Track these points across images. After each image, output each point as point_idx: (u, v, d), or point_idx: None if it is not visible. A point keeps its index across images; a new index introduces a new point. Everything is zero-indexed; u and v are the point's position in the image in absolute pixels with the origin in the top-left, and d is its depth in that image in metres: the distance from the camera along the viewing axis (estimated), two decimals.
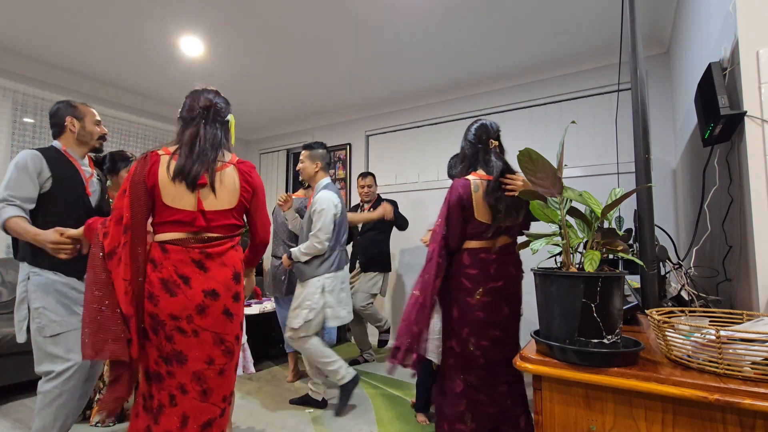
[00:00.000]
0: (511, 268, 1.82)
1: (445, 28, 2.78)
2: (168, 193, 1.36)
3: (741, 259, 1.24)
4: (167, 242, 1.36)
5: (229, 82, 3.70)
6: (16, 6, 2.54)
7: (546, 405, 0.87)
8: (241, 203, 1.49)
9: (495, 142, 1.87)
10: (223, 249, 1.43)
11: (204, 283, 1.36)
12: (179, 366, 1.33)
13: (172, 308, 1.32)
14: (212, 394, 1.37)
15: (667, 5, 2.50)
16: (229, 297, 1.41)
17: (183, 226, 1.38)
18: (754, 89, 1.11)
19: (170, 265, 1.34)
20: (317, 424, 2.28)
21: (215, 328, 1.38)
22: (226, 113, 1.53)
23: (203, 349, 1.35)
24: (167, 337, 1.32)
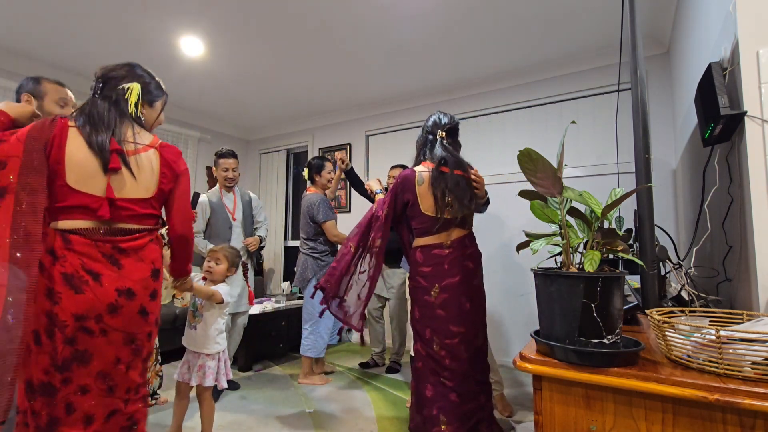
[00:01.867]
0: (468, 262, 1.77)
1: (445, 28, 2.78)
2: (75, 173, 1.18)
3: (741, 259, 1.24)
4: (71, 231, 1.18)
5: (229, 82, 3.70)
6: (16, 6, 2.54)
7: (546, 405, 0.87)
8: (161, 192, 1.32)
9: (442, 133, 1.85)
10: (141, 243, 1.27)
11: (118, 280, 1.21)
12: (81, 367, 1.18)
13: (77, 307, 1.16)
14: (117, 389, 1.25)
15: (667, 5, 2.50)
16: (146, 296, 1.28)
17: (89, 213, 1.20)
18: (754, 89, 1.11)
19: (75, 259, 1.17)
20: (317, 424, 2.28)
21: (128, 328, 1.24)
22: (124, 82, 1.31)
23: (111, 350, 1.22)
24: (67, 339, 1.16)
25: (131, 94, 1.32)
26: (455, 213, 1.73)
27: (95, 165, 1.20)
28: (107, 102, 1.28)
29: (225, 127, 5.03)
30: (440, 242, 1.75)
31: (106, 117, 1.25)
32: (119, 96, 1.30)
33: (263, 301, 3.88)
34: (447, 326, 1.72)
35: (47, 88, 1.66)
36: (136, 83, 1.34)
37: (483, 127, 3.72)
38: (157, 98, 1.44)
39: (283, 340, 3.59)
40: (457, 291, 1.73)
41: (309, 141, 4.84)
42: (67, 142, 1.19)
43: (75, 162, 1.18)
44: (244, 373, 3.16)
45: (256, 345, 3.34)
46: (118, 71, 1.34)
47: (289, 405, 2.55)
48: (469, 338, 1.74)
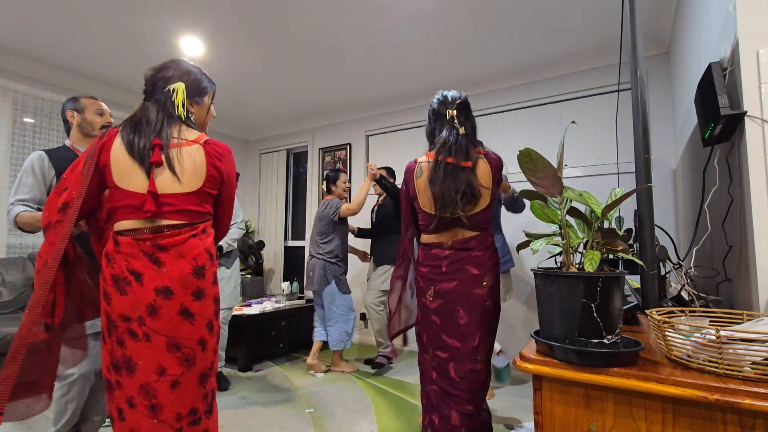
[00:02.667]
0: (471, 267, 1.51)
1: (446, 28, 2.78)
2: (118, 172, 1.20)
3: (741, 259, 1.24)
4: (119, 233, 1.20)
5: (229, 82, 3.70)
6: (16, 6, 2.54)
7: (546, 405, 0.87)
8: (206, 188, 1.27)
9: (453, 111, 1.57)
10: (181, 239, 1.22)
11: (157, 279, 1.18)
12: (128, 375, 1.16)
13: (122, 308, 1.17)
14: (163, 410, 1.16)
15: (667, 5, 2.50)
16: (187, 294, 1.21)
17: (134, 211, 1.20)
18: (754, 89, 1.11)
19: (122, 260, 1.18)
20: (317, 424, 2.28)
21: (169, 331, 1.18)
22: (169, 83, 1.32)
23: (153, 356, 1.16)
24: (119, 340, 1.17)
25: (177, 95, 1.30)
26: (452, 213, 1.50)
27: (134, 162, 1.21)
28: (156, 105, 1.29)
29: (225, 127, 5.04)
30: (440, 242, 1.56)
31: (153, 119, 1.26)
32: (167, 98, 1.30)
33: (263, 301, 3.88)
34: (440, 336, 1.54)
35: (85, 102, 1.86)
36: (181, 83, 1.32)
37: (483, 127, 3.68)
38: (204, 94, 1.40)
39: (283, 340, 3.59)
40: (452, 298, 1.52)
41: (309, 141, 4.84)
42: (113, 146, 1.22)
43: (118, 162, 1.21)
44: (244, 373, 3.16)
45: (256, 345, 3.34)
46: (164, 72, 1.33)
47: (289, 405, 2.55)
48: (461, 357, 1.50)
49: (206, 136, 1.33)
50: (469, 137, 1.58)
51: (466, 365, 1.50)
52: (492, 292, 1.55)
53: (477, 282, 1.52)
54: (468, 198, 1.47)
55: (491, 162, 1.55)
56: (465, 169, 1.49)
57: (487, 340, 1.54)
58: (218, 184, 1.31)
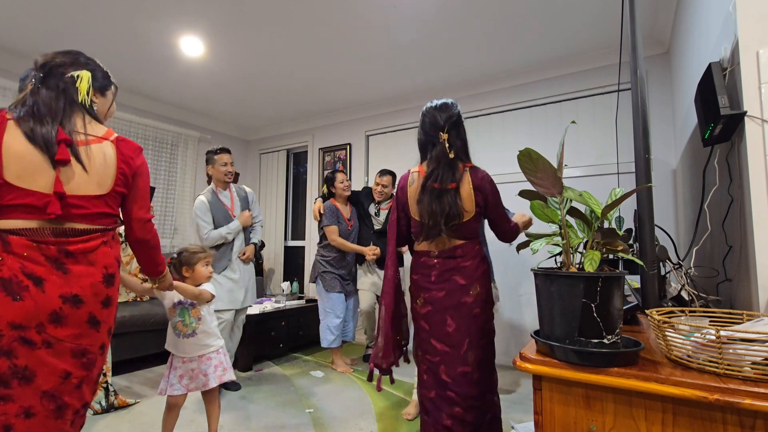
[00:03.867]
0: (458, 276, 1.56)
1: (445, 28, 2.78)
2: (13, 168, 1.07)
3: (741, 259, 1.24)
4: (10, 232, 1.07)
5: (229, 82, 3.70)
6: (16, 6, 2.54)
7: (546, 405, 0.87)
8: (115, 190, 1.20)
9: (444, 135, 1.59)
10: (91, 246, 1.15)
11: (63, 286, 1.09)
12: (23, 385, 1.05)
13: (13, 315, 1.04)
14: (67, 410, 1.12)
15: (667, 5, 2.50)
16: (97, 303, 1.16)
17: (33, 212, 1.08)
18: (754, 89, 1.11)
19: (14, 262, 1.06)
20: (317, 424, 2.28)
21: (76, 340, 1.12)
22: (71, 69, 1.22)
23: (57, 364, 1.09)
24: (3, 351, 1.04)
25: (81, 81, 1.22)
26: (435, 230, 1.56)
27: (39, 158, 1.08)
28: (53, 91, 1.17)
29: (225, 127, 5.04)
30: (429, 250, 1.62)
31: (53, 106, 1.14)
32: (67, 84, 1.19)
33: (263, 301, 3.88)
34: (429, 340, 1.59)
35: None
36: (86, 71, 1.24)
37: (483, 127, 3.72)
38: (107, 87, 1.34)
39: (283, 340, 3.59)
40: (441, 307, 1.57)
41: (309, 141, 4.84)
42: (5, 136, 1.07)
43: (14, 156, 1.07)
44: (244, 373, 3.16)
45: (256, 345, 3.34)
46: (61, 59, 1.23)
47: (289, 405, 2.55)
48: (451, 360, 1.54)
49: (114, 132, 1.26)
50: (458, 156, 1.62)
51: (457, 368, 1.54)
52: (480, 300, 1.58)
53: (464, 291, 1.57)
54: (452, 217, 1.53)
55: (474, 177, 1.60)
56: (449, 191, 1.55)
57: (478, 346, 1.57)
58: (128, 182, 1.25)
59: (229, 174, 2.92)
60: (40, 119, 1.11)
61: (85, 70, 1.24)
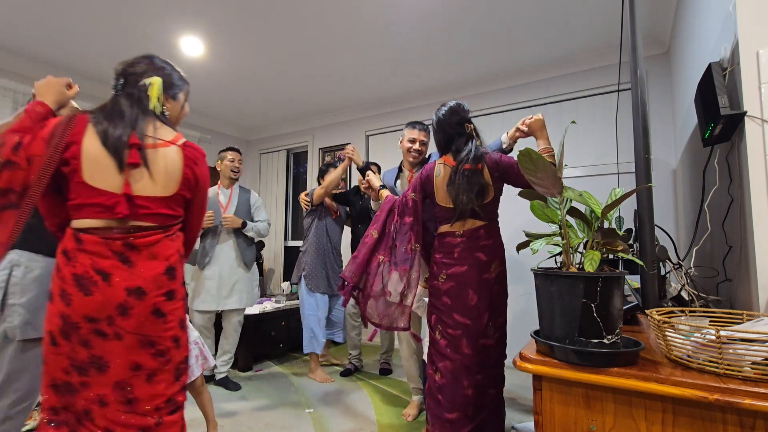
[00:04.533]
0: (480, 254, 1.70)
1: (446, 28, 2.78)
2: (89, 168, 1.14)
3: (741, 259, 1.24)
4: (83, 230, 1.14)
5: (229, 82, 3.70)
6: (16, 6, 2.54)
7: (546, 405, 0.87)
8: (181, 192, 1.26)
9: (470, 125, 1.81)
10: (154, 239, 1.21)
11: (128, 279, 1.15)
12: (99, 374, 1.13)
13: (87, 309, 1.12)
14: (140, 403, 1.16)
15: (667, 5, 2.50)
16: (159, 294, 1.20)
17: (103, 211, 1.14)
18: (754, 89, 1.11)
19: (86, 259, 1.13)
20: (317, 424, 2.28)
21: (142, 330, 1.17)
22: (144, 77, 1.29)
23: (127, 355, 1.15)
24: (82, 341, 1.12)
25: (152, 89, 1.28)
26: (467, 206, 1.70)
27: (110, 160, 1.15)
28: (129, 99, 1.24)
29: (225, 127, 5.04)
30: (454, 231, 1.74)
31: (127, 113, 1.21)
32: (141, 92, 1.26)
33: (263, 301, 3.88)
34: (451, 315, 1.69)
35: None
36: (157, 77, 1.29)
37: (483, 127, 3.69)
38: (179, 90, 1.38)
39: (283, 340, 3.59)
40: (463, 281, 1.68)
41: (309, 141, 4.84)
42: (84, 138, 1.15)
43: (91, 158, 1.14)
44: (244, 373, 3.16)
45: (256, 345, 3.34)
46: (137, 66, 1.30)
47: (289, 405, 2.55)
48: (473, 333, 1.66)
49: (183, 137, 1.31)
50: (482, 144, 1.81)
51: (479, 340, 1.67)
52: (499, 278, 1.74)
53: (485, 267, 1.70)
54: (480, 194, 1.70)
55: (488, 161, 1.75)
56: (477, 171, 1.71)
57: (498, 321, 1.73)
58: (193, 188, 1.30)
59: (235, 170, 2.98)
60: (114, 124, 1.18)
61: (156, 77, 1.30)
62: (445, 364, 1.69)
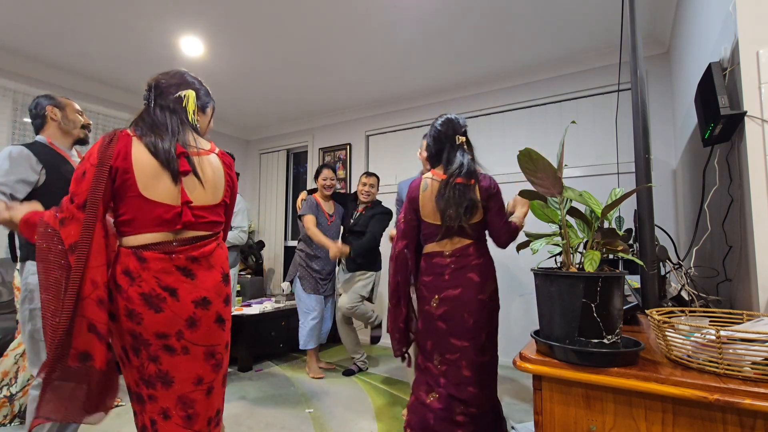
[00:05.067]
0: (472, 274, 1.65)
1: (446, 28, 2.78)
2: (143, 180, 1.12)
3: (741, 259, 1.24)
4: (143, 247, 1.13)
5: (229, 82, 3.70)
6: (16, 6, 2.54)
7: (546, 405, 0.87)
8: (224, 200, 1.30)
9: (462, 138, 1.74)
10: (209, 249, 1.22)
11: (193, 291, 1.17)
12: (164, 389, 1.15)
13: (158, 326, 1.12)
14: (198, 419, 1.18)
15: (667, 5, 2.50)
16: (220, 302, 1.24)
17: (162, 224, 1.14)
18: (754, 89, 1.11)
19: (150, 277, 1.12)
20: (317, 424, 2.28)
21: (207, 341, 1.20)
22: (177, 90, 1.30)
23: (192, 368, 1.18)
24: (151, 357, 1.14)
25: (188, 101, 1.29)
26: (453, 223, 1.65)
27: (161, 171, 1.14)
28: (166, 111, 1.24)
29: (225, 127, 5.04)
30: (441, 251, 1.69)
31: (168, 124, 1.21)
32: (177, 104, 1.27)
33: (263, 301, 3.88)
34: (448, 339, 1.64)
35: (64, 101, 1.80)
36: (191, 90, 1.31)
37: (483, 127, 3.72)
38: (207, 104, 1.40)
39: (283, 340, 3.59)
40: (458, 304, 1.63)
41: (309, 141, 4.84)
42: (133, 151, 1.13)
43: (143, 171, 1.12)
44: (244, 373, 3.16)
45: (256, 345, 3.34)
46: (171, 79, 1.30)
47: (289, 405, 2.55)
48: (471, 353, 1.62)
49: (215, 146, 1.35)
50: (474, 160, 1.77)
51: (477, 358, 1.64)
52: (493, 296, 1.71)
53: (480, 288, 1.65)
54: (470, 210, 1.65)
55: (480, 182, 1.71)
56: (468, 186, 1.67)
57: (493, 335, 1.70)
58: (232, 194, 1.35)
59: None
60: (160, 135, 1.18)
61: (190, 90, 1.31)
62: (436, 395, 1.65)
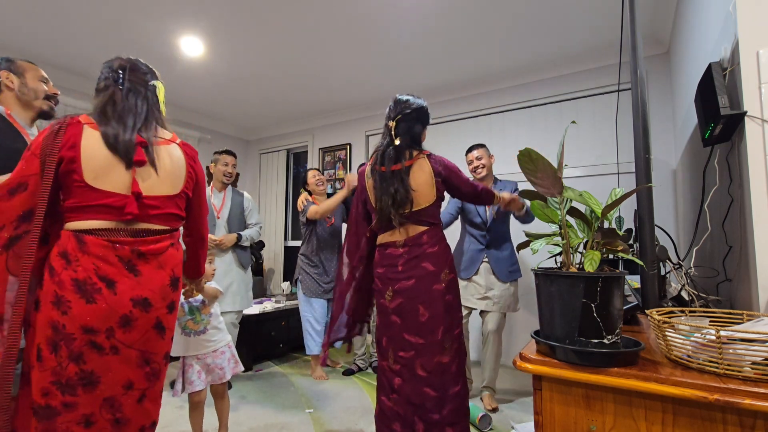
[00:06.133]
0: (427, 263, 1.53)
1: (445, 27, 2.78)
2: (92, 170, 1.07)
3: (741, 259, 1.24)
4: (86, 232, 1.06)
5: (229, 82, 3.70)
6: (15, 6, 2.54)
7: (546, 405, 0.87)
8: (184, 191, 1.24)
9: (392, 123, 1.68)
10: (161, 247, 1.16)
11: (134, 288, 1.09)
12: (86, 392, 1.04)
13: (87, 318, 1.03)
14: (128, 425, 1.09)
15: (667, 5, 2.50)
16: (163, 307, 1.15)
17: (110, 212, 1.08)
18: (754, 89, 1.11)
19: (89, 263, 1.04)
20: (317, 424, 2.28)
21: (142, 346, 1.11)
22: (150, 78, 1.28)
23: (122, 371, 1.08)
24: (73, 356, 1.02)
25: (160, 92, 1.28)
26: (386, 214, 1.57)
27: (114, 160, 1.10)
28: (137, 96, 1.21)
29: (225, 127, 5.03)
30: (394, 240, 1.58)
31: (136, 111, 1.18)
32: (150, 92, 1.25)
33: (263, 301, 3.88)
34: (401, 335, 1.53)
35: (24, 65, 1.57)
36: (160, 82, 1.30)
37: (483, 127, 3.72)
38: None
39: (283, 340, 3.59)
40: (411, 296, 1.52)
41: (309, 141, 4.84)
42: (82, 139, 1.09)
43: (92, 158, 1.08)
44: (244, 373, 3.16)
45: (256, 345, 3.34)
46: (142, 66, 1.28)
47: (289, 405, 2.55)
48: (426, 351, 1.49)
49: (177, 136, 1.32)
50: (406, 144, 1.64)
51: (433, 358, 1.50)
52: (450, 286, 1.57)
53: (435, 278, 1.54)
54: (400, 201, 1.53)
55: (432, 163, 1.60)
56: (395, 173, 1.55)
57: (452, 333, 1.55)
58: (194, 186, 1.29)
59: (227, 175, 2.96)
60: (123, 123, 1.14)
61: (160, 82, 1.31)
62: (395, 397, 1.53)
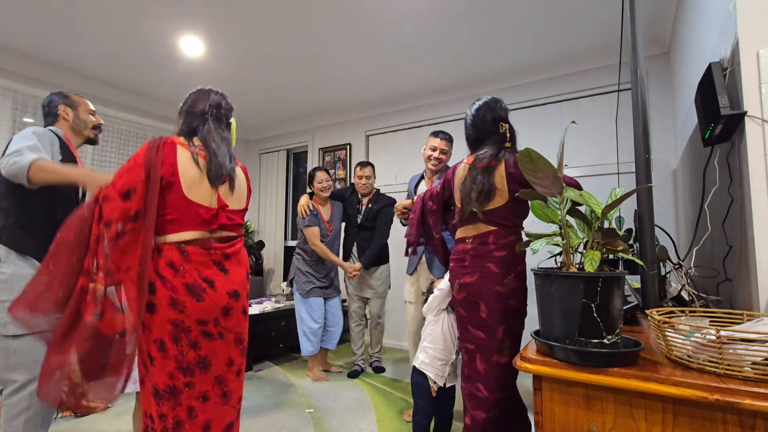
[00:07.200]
0: (491, 264, 1.54)
1: (446, 28, 2.78)
2: (187, 183, 1.30)
3: (741, 259, 1.24)
4: (186, 243, 1.30)
5: (229, 82, 3.70)
6: (15, 6, 2.54)
7: (546, 405, 0.87)
8: (246, 206, 1.51)
9: (505, 125, 1.67)
10: (238, 248, 1.43)
11: (226, 284, 1.35)
12: (202, 373, 1.29)
13: (199, 313, 1.28)
14: (231, 396, 1.36)
15: (667, 5, 2.50)
16: (245, 295, 1.44)
17: (202, 224, 1.32)
18: (754, 89, 1.11)
19: (193, 269, 1.29)
20: (317, 424, 2.28)
21: (237, 328, 1.39)
22: (231, 115, 1.55)
23: (226, 351, 1.35)
24: (192, 344, 1.28)
25: (233, 128, 1.55)
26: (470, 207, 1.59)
27: (202, 176, 1.33)
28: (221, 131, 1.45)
29: None
30: (465, 236, 1.64)
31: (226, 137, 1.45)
32: (228, 130, 1.51)
33: (263, 301, 3.88)
34: (467, 327, 1.59)
35: (77, 100, 1.85)
36: (234, 120, 1.56)
37: None
38: None
39: (283, 340, 3.59)
40: (474, 292, 1.55)
41: (309, 141, 4.84)
42: (178, 159, 1.30)
43: (188, 175, 1.30)
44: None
45: (256, 345, 3.34)
46: (226, 104, 1.52)
47: (289, 405, 2.54)
48: (486, 348, 1.53)
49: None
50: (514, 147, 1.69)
51: (492, 356, 1.52)
52: (516, 293, 1.56)
53: (497, 279, 1.53)
54: (483, 193, 1.56)
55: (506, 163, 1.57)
56: (487, 169, 1.58)
57: (512, 336, 1.56)
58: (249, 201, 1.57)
59: None
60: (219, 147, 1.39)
61: (233, 120, 1.56)
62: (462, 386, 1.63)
